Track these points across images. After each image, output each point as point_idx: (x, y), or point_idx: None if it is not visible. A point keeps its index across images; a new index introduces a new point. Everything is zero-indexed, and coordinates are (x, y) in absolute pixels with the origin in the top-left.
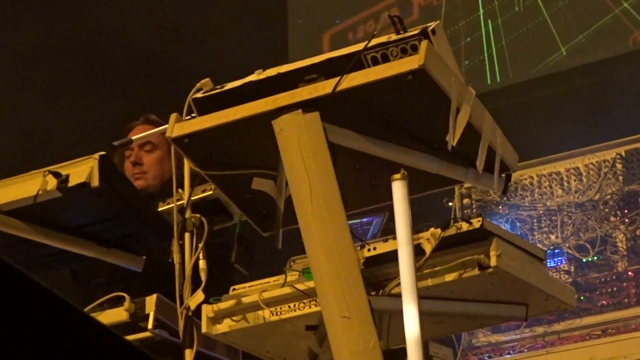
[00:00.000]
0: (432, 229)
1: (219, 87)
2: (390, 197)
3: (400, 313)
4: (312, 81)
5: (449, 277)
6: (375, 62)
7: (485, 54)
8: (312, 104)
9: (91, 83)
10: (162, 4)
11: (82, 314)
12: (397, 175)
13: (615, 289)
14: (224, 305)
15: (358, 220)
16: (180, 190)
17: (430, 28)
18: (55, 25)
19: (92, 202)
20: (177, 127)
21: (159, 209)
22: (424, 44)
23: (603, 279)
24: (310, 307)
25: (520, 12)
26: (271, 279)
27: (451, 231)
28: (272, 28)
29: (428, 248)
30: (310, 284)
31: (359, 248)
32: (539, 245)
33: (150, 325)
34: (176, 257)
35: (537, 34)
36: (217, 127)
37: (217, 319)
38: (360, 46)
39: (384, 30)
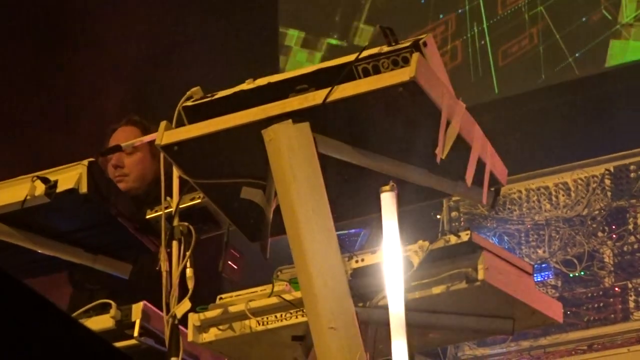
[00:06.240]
0: (420, 242)
1: (209, 95)
2: (378, 208)
3: (386, 325)
4: (303, 91)
5: (437, 290)
6: (367, 73)
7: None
8: (303, 114)
9: None
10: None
11: (69, 318)
12: (386, 187)
13: (601, 304)
14: (210, 314)
15: (346, 232)
16: (168, 198)
17: (422, 40)
18: None
19: (80, 209)
20: (167, 134)
21: (147, 217)
22: (415, 56)
23: (590, 294)
24: (297, 317)
25: (512, 24)
26: (258, 289)
27: (439, 244)
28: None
29: (416, 260)
30: (298, 294)
31: (346, 259)
32: (527, 259)
33: (136, 333)
34: (163, 265)
35: (531, 50)
36: (206, 135)
37: (203, 327)
38: (351, 57)
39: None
